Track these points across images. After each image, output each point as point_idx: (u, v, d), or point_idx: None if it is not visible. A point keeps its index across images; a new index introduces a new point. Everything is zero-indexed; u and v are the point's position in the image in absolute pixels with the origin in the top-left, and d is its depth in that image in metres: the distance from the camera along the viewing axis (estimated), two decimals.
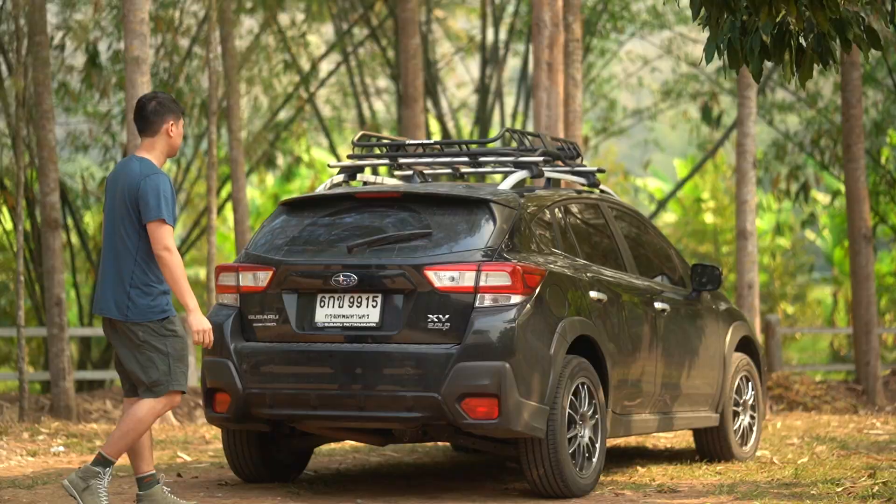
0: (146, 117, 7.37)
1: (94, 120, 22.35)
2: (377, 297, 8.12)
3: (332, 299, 8.20)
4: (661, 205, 31.22)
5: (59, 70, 20.71)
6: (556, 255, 8.61)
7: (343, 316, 8.17)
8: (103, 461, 7.29)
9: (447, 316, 7.94)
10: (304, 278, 8.22)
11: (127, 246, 7.23)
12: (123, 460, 10.30)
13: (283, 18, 24.83)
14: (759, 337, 17.61)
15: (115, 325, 7.30)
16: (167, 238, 7.15)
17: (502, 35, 27.08)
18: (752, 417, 10.55)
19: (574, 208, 9.26)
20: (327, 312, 8.20)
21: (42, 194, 14.53)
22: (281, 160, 26.20)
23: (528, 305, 8.02)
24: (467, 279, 7.97)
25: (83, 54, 20.68)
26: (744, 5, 7.64)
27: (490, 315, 7.93)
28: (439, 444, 11.25)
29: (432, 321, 7.95)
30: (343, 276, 8.09)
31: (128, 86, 13.46)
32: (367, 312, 8.09)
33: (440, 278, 7.98)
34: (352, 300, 8.15)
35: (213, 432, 12.44)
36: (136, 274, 7.22)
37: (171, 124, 7.38)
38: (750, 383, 10.52)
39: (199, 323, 7.24)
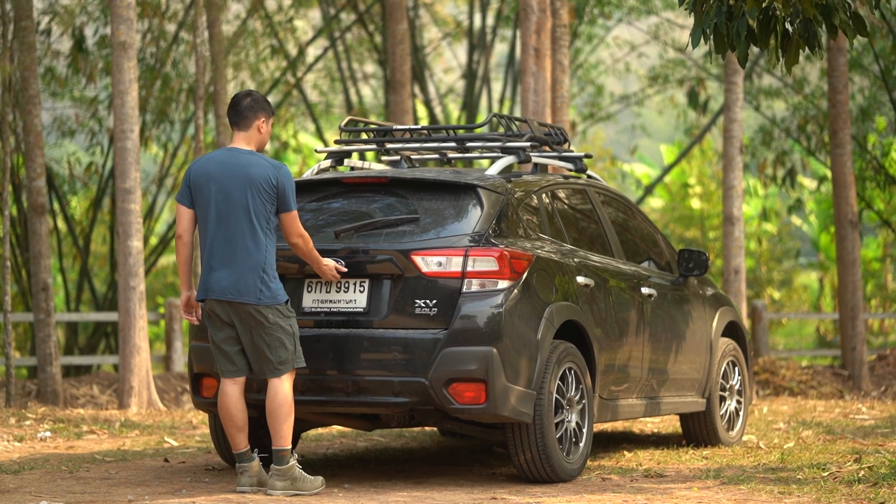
0: (241, 112, 7.85)
1: (80, 105, 22.29)
2: (364, 282, 8.12)
3: (319, 284, 8.21)
4: (648, 190, 31.25)
5: (46, 55, 20.65)
6: (544, 240, 8.62)
7: (330, 301, 8.17)
8: (285, 453, 7.68)
9: (434, 301, 7.95)
10: (291, 263, 8.21)
11: (258, 233, 7.69)
12: (97, 445, 10.30)
13: (270, 3, 24.79)
14: (746, 322, 17.67)
15: (238, 308, 7.65)
16: (300, 225, 7.82)
17: (489, 20, 27.07)
18: (739, 402, 10.58)
19: (561, 194, 9.27)
20: (314, 297, 8.20)
21: (28, 179, 14.50)
22: (268, 145, 26.17)
23: (516, 291, 8.03)
24: (454, 264, 7.98)
25: (69, 39, 20.61)
26: None
27: (477, 300, 7.94)
28: (426, 429, 11.26)
29: (419, 306, 7.96)
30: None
31: (114, 71, 13.44)
32: (355, 297, 8.10)
33: (427, 263, 7.99)
34: (339, 285, 8.16)
35: (201, 417, 12.45)
36: (268, 260, 7.71)
37: (263, 121, 7.88)
38: (736, 368, 10.55)
39: (329, 261, 7.96)
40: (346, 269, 8.05)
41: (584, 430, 8.53)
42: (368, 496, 7.75)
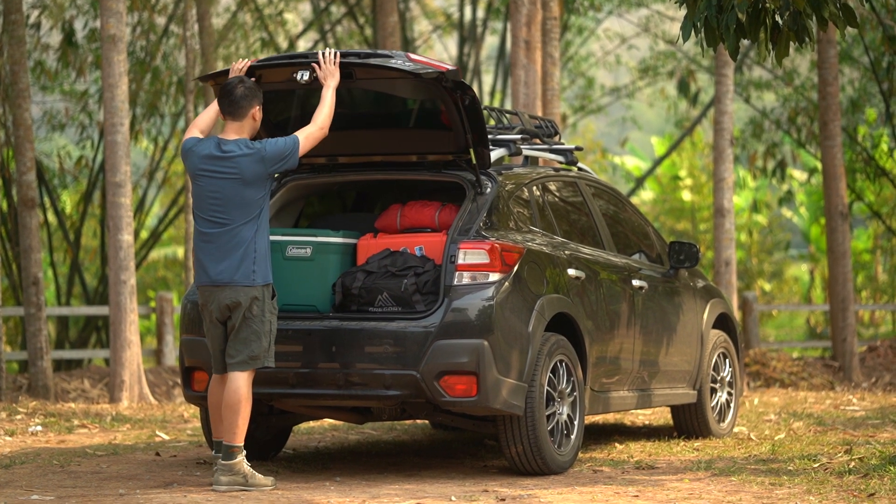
0: (235, 101, 7.70)
1: (70, 99, 22.25)
2: None
3: None
4: (639, 182, 31.27)
5: (35, 48, 20.60)
6: (534, 232, 8.62)
7: None
8: (235, 450, 7.57)
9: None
10: None
11: (247, 220, 7.57)
12: (88, 439, 10.30)
13: None
14: (737, 314, 17.69)
15: (230, 295, 7.58)
16: (315, 132, 7.72)
17: (480, 13, 27.06)
18: (730, 394, 10.59)
19: (552, 186, 9.27)
20: None
21: (18, 173, 14.47)
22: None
23: (507, 283, 8.04)
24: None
25: (59, 33, 20.57)
26: None
27: (468, 293, 7.94)
28: (418, 421, 11.27)
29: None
30: None
31: (104, 64, 13.41)
32: None
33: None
34: None
35: (192, 411, 12.44)
36: (258, 241, 7.60)
37: (257, 109, 7.74)
38: (727, 360, 10.56)
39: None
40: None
41: (576, 423, 8.54)
42: (360, 489, 7.75)
